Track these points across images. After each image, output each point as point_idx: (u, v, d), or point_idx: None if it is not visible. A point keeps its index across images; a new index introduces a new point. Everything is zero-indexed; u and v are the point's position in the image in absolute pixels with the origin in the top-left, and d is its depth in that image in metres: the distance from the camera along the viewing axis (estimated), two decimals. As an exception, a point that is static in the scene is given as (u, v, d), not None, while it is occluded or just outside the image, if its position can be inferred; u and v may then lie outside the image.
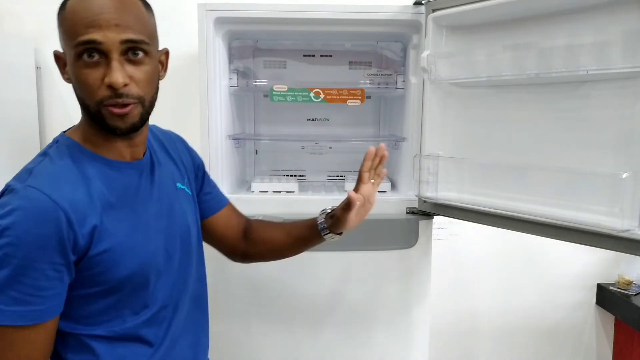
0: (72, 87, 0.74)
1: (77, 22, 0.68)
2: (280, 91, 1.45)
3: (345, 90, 1.46)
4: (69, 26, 0.69)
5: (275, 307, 1.43)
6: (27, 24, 1.82)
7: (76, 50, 0.69)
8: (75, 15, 0.69)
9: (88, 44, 0.68)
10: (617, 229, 0.96)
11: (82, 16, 0.68)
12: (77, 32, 0.68)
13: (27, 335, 0.67)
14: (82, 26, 0.68)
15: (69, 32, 0.69)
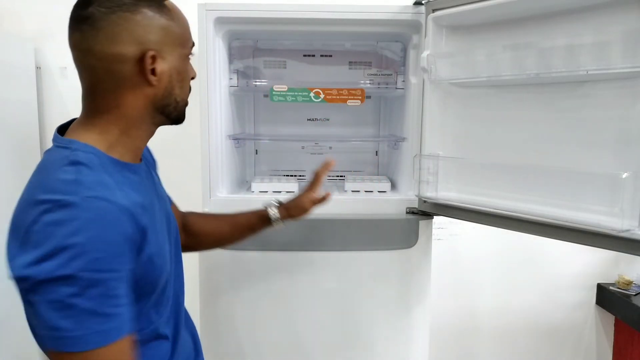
0: (162, 86, 0.76)
1: (186, 27, 0.79)
2: (280, 91, 1.45)
3: (345, 90, 1.46)
4: (182, 31, 0.78)
5: (274, 306, 1.43)
6: (27, 24, 1.82)
7: (188, 51, 0.80)
8: (184, 22, 0.79)
9: (193, 46, 0.82)
10: (617, 229, 0.96)
11: (186, 23, 0.79)
12: (188, 36, 0.79)
13: (123, 345, 0.66)
14: (189, 32, 0.80)
15: (182, 35, 0.78)
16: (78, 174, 0.66)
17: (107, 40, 0.70)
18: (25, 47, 1.76)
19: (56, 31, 1.83)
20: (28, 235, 0.62)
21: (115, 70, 0.72)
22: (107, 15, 0.70)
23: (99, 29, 0.70)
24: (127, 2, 0.71)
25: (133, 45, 0.71)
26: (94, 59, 0.72)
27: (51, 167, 0.68)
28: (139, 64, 0.72)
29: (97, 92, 0.75)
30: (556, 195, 1.10)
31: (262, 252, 1.40)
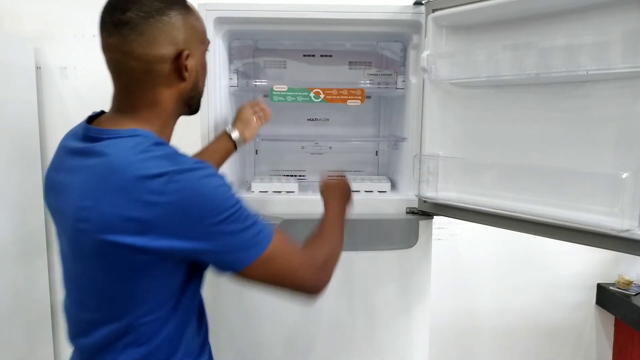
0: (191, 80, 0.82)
1: (204, 25, 0.86)
2: (280, 91, 1.45)
3: (345, 90, 1.46)
4: (203, 28, 0.85)
5: (274, 306, 1.43)
6: (27, 24, 1.83)
7: (206, 47, 0.87)
8: (202, 20, 0.85)
9: (209, 42, 0.89)
10: (617, 229, 0.96)
11: (203, 21, 0.86)
12: (206, 33, 0.86)
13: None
14: (205, 29, 0.86)
15: (203, 32, 0.85)
16: (169, 149, 0.75)
17: (147, 43, 0.75)
18: (25, 47, 1.76)
19: (56, 31, 1.83)
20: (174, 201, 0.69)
21: (154, 70, 0.77)
22: (146, 20, 0.74)
23: (140, 33, 0.74)
24: (162, 7, 0.76)
25: (170, 46, 0.77)
26: (134, 61, 0.76)
27: (131, 152, 0.72)
28: (175, 63, 0.78)
29: (134, 90, 0.79)
30: (556, 195, 1.09)
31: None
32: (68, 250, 0.78)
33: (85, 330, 0.78)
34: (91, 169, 0.72)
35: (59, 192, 0.77)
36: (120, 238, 0.69)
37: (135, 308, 0.75)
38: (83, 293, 0.78)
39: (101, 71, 0.83)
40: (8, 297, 1.66)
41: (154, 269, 0.73)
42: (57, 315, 1.93)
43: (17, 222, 1.69)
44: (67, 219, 0.75)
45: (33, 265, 1.80)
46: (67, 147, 0.80)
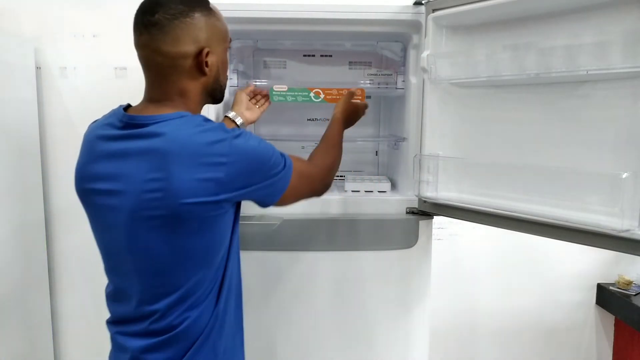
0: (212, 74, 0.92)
1: (226, 25, 0.95)
2: (280, 91, 1.45)
3: (346, 90, 1.46)
4: (224, 28, 0.95)
5: (274, 306, 1.43)
6: (27, 23, 1.82)
7: (228, 45, 0.97)
8: (224, 21, 0.95)
9: (231, 40, 0.99)
10: (617, 229, 0.96)
11: (225, 21, 0.95)
12: (228, 32, 0.96)
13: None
14: (227, 28, 0.96)
15: (225, 32, 0.95)
16: (215, 122, 0.88)
17: (172, 42, 0.85)
18: (25, 47, 1.76)
19: (56, 31, 1.83)
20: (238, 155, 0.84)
21: (178, 65, 0.87)
22: (171, 22, 0.85)
23: (166, 32, 0.85)
24: (185, 9, 0.86)
25: (192, 44, 0.87)
26: (160, 57, 0.86)
27: (188, 128, 0.83)
28: (197, 59, 0.88)
29: (163, 82, 0.89)
30: (556, 195, 1.09)
31: (262, 252, 1.40)
32: (126, 231, 0.84)
33: (149, 301, 0.87)
34: (150, 148, 0.81)
35: (111, 177, 0.84)
36: (199, 198, 0.80)
37: (196, 269, 0.87)
38: (146, 269, 0.86)
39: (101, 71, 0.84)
40: (8, 297, 1.66)
41: (218, 220, 0.86)
42: (57, 315, 1.93)
43: (17, 221, 1.69)
44: (127, 198, 0.82)
45: (33, 264, 1.80)
46: (106, 136, 0.87)
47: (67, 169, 1.87)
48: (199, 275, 0.87)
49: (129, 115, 0.86)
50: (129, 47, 0.90)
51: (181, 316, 0.87)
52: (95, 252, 0.94)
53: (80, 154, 0.92)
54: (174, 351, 0.87)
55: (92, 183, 0.87)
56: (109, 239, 0.89)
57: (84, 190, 0.90)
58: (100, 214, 0.88)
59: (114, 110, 0.92)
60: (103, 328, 0.98)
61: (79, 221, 1.87)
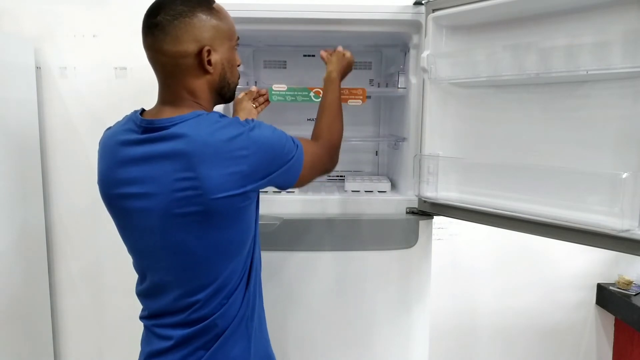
0: (217, 73, 0.94)
1: (231, 24, 0.96)
2: (280, 91, 1.44)
3: (346, 90, 1.45)
4: (229, 27, 0.95)
5: (274, 306, 1.43)
6: (27, 24, 1.82)
7: (234, 43, 0.98)
8: (230, 20, 0.96)
9: (238, 39, 1.00)
10: (617, 229, 0.96)
11: (231, 20, 0.97)
12: (234, 31, 0.97)
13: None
14: (234, 27, 0.97)
15: (229, 30, 0.96)
16: (230, 117, 0.92)
17: (172, 42, 0.88)
18: (25, 47, 1.76)
19: (56, 31, 1.83)
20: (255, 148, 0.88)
21: (181, 64, 0.90)
22: (172, 22, 0.87)
23: (167, 33, 0.87)
24: (186, 10, 0.88)
25: (193, 43, 0.89)
26: (164, 57, 0.89)
27: (208, 126, 0.86)
28: (198, 57, 0.90)
29: (170, 82, 0.91)
30: (556, 195, 1.09)
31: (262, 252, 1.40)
32: (160, 230, 0.88)
33: (188, 294, 0.91)
34: (174, 149, 0.84)
35: (138, 180, 0.87)
36: (229, 192, 0.85)
37: (229, 259, 0.92)
38: (183, 264, 0.90)
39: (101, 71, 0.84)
40: (8, 297, 1.66)
41: (246, 211, 0.91)
42: (57, 315, 1.93)
43: (17, 222, 1.69)
44: (158, 199, 0.86)
45: (33, 264, 1.80)
46: (128, 141, 0.89)
47: (67, 169, 1.87)
48: (232, 265, 0.93)
49: (147, 120, 0.89)
50: (129, 47, 0.90)
51: (219, 304, 0.92)
52: (95, 252, 0.94)
53: (102, 161, 0.94)
54: (213, 334, 0.93)
55: (119, 188, 0.90)
56: (143, 240, 0.92)
57: (111, 196, 0.92)
58: (131, 217, 0.91)
59: (129, 116, 0.95)
60: (103, 328, 0.98)
61: (79, 221, 1.88)
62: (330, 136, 1.14)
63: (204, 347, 0.92)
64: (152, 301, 0.97)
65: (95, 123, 1.81)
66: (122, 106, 1.07)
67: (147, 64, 0.92)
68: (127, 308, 1.79)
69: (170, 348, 0.92)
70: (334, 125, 1.17)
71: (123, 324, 1.86)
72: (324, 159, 1.09)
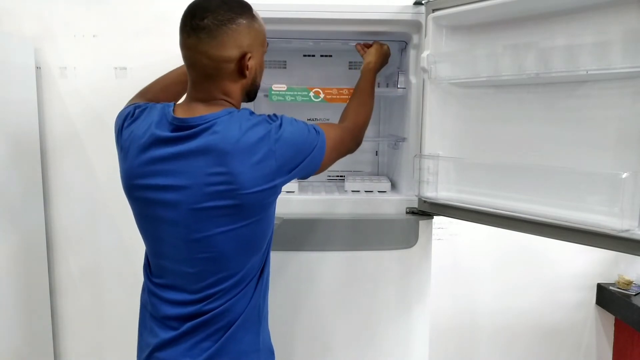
0: (251, 77, 0.98)
1: (265, 30, 1.00)
2: (279, 91, 1.44)
3: (346, 90, 1.45)
4: (264, 33, 1.00)
5: (274, 306, 1.43)
6: (27, 24, 1.82)
7: (266, 49, 1.03)
8: (264, 26, 1.00)
9: (268, 45, 1.05)
10: (617, 229, 0.96)
11: (264, 26, 1.00)
12: (265, 37, 1.01)
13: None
14: (266, 33, 1.01)
15: (264, 37, 1.00)
16: (259, 115, 0.96)
17: (218, 46, 0.91)
18: (25, 47, 1.76)
19: (56, 31, 1.83)
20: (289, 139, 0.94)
21: (222, 68, 0.93)
22: (220, 27, 0.90)
23: (213, 37, 0.90)
24: (233, 16, 0.92)
25: (236, 49, 0.93)
26: (207, 59, 0.92)
27: (238, 125, 0.91)
28: (239, 63, 0.94)
29: (207, 83, 0.94)
30: (556, 195, 1.10)
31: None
32: (186, 222, 0.91)
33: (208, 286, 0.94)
34: (207, 145, 0.88)
35: (169, 173, 0.90)
36: (259, 187, 0.89)
37: (250, 254, 0.96)
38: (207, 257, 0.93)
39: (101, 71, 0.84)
40: (8, 297, 1.66)
41: (271, 205, 0.96)
42: (57, 315, 1.93)
43: (17, 221, 1.69)
44: (189, 192, 0.89)
45: (33, 264, 1.80)
46: (161, 138, 0.92)
47: (67, 169, 1.87)
48: (252, 260, 0.97)
49: (179, 119, 0.92)
50: (129, 47, 0.90)
51: (234, 295, 0.96)
52: (95, 252, 0.94)
53: (130, 151, 0.95)
54: (223, 324, 0.95)
55: (146, 179, 0.92)
56: (166, 232, 0.94)
57: (135, 186, 0.94)
58: (155, 208, 0.94)
59: (159, 109, 0.97)
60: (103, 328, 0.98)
61: (79, 221, 1.88)
62: (355, 118, 1.19)
63: (214, 335, 0.95)
64: (165, 291, 0.98)
65: (95, 123, 1.81)
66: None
67: (147, 63, 0.93)
68: (127, 308, 1.79)
69: (178, 337, 0.94)
70: (362, 108, 1.22)
71: (123, 324, 1.86)
72: (346, 141, 1.13)
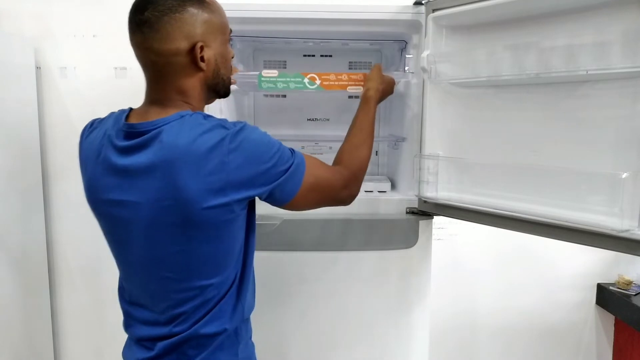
0: (211, 69, 0.89)
1: (224, 17, 0.92)
2: (270, 77, 1.30)
3: (345, 75, 1.32)
4: (221, 20, 0.91)
5: (274, 306, 1.43)
6: (27, 24, 1.83)
7: (227, 36, 0.93)
8: (222, 12, 0.92)
9: (231, 32, 0.96)
10: (617, 229, 0.96)
11: (224, 13, 0.92)
12: (226, 24, 0.93)
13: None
14: (226, 20, 0.93)
15: (221, 24, 0.91)
16: (216, 118, 0.85)
17: (163, 39, 0.83)
18: (25, 47, 1.76)
19: (56, 31, 1.83)
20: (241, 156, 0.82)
21: (173, 62, 0.85)
22: (161, 18, 0.82)
23: (156, 30, 0.83)
24: (175, 4, 0.83)
25: (184, 40, 0.84)
26: (154, 55, 0.84)
27: (189, 131, 0.81)
28: (190, 54, 0.85)
29: (161, 82, 0.87)
30: (556, 195, 1.09)
31: (262, 252, 1.39)
32: (145, 240, 0.85)
33: (173, 306, 0.88)
34: (154, 157, 0.80)
35: (123, 188, 0.84)
36: (209, 202, 0.80)
37: (214, 273, 0.88)
38: (168, 276, 0.87)
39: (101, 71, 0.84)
40: (8, 297, 1.66)
41: (231, 225, 0.86)
42: (57, 315, 1.93)
43: (17, 221, 1.69)
44: (143, 209, 0.82)
45: (33, 264, 1.80)
46: (114, 146, 0.85)
47: (67, 169, 1.87)
48: (218, 279, 0.89)
49: (129, 124, 0.85)
50: (129, 47, 0.89)
51: (206, 316, 0.89)
52: (95, 252, 0.95)
53: (88, 163, 0.90)
54: (198, 345, 0.90)
55: (107, 194, 0.86)
56: (129, 250, 0.89)
57: (99, 201, 0.89)
58: (117, 225, 0.88)
59: (116, 115, 0.91)
60: (103, 328, 0.98)
61: (79, 220, 1.88)
62: (350, 162, 1.04)
63: (189, 358, 0.89)
64: (136, 310, 0.94)
65: (95, 123, 1.81)
66: (122, 106, 1.07)
67: (147, 63, 0.92)
68: (127, 308, 1.79)
69: (153, 358, 0.89)
70: (359, 150, 1.07)
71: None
72: (334, 186, 0.98)
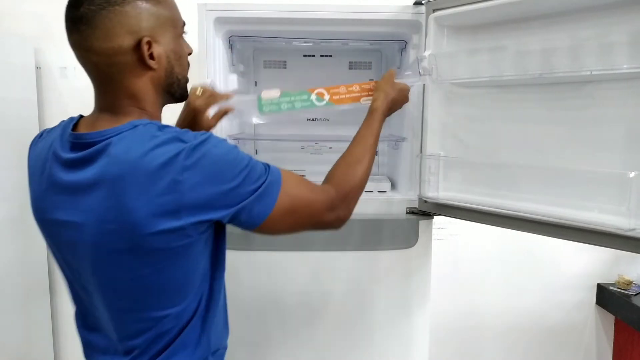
0: (162, 67, 0.79)
1: (174, 9, 0.81)
2: (271, 98, 1.11)
3: (357, 86, 1.17)
4: (171, 13, 0.80)
5: (273, 307, 1.43)
6: (27, 24, 1.82)
7: (180, 30, 0.82)
8: (171, 4, 0.81)
9: (184, 25, 0.84)
10: (624, 228, 0.95)
11: (174, 4, 0.82)
12: (178, 17, 0.82)
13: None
14: (178, 12, 0.82)
15: (172, 17, 0.80)
16: (173, 129, 0.75)
17: (103, 36, 0.72)
18: (25, 47, 1.75)
19: (56, 31, 1.82)
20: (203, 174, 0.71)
21: (117, 62, 0.74)
22: (98, 13, 0.71)
23: (95, 27, 0.72)
24: None
25: (127, 36, 0.74)
26: (95, 56, 0.74)
27: (140, 145, 0.71)
28: (137, 52, 0.75)
29: (108, 85, 0.77)
30: (561, 195, 1.09)
31: (262, 252, 1.40)
32: (92, 266, 0.76)
33: (127, 337, 0.79)
34: (101, 173, 0.71)
35: (67, 206, 0.74)
36: (160, 227, 0.70)
37: (170, 303, 0.78)
38: (118, 305, 0.78)
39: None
40: (8, 297, 1.66)
41: (187, 250, 0.75)
42: (57, 315, 1.93)
43: (17, 221, 1.68)
44: (88, 231, 0.73)
45: (33, 264, 1.79)
46: (59, 159, 0.76)
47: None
48: (176, 309, 0.79)
49: (76, 135, 0.75)
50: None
51: (165, 350, 0.79)
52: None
53: (33, 179, 0.80)
54: None
55: (50, 213, 0.76)
56: (76, 274, 0.80)
57: (44, 221, 0.79)
58: (63, 247, 0.79)
59: (64, 123, 0.81)
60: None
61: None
62: (342, 181, 0.91)
63: None
64: (96, 337, 0.86)
65: (95, 123, 1.81)
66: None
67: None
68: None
69: None
70: (354, 168, 0.95)
71: (123, 324, 1.86)
72: (317, 209, 0.85)
